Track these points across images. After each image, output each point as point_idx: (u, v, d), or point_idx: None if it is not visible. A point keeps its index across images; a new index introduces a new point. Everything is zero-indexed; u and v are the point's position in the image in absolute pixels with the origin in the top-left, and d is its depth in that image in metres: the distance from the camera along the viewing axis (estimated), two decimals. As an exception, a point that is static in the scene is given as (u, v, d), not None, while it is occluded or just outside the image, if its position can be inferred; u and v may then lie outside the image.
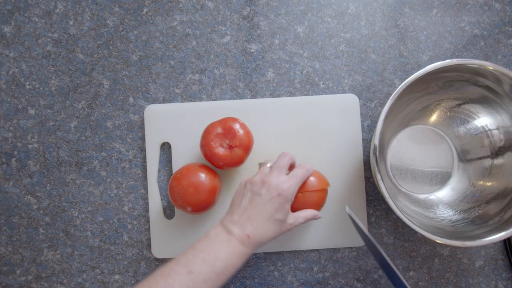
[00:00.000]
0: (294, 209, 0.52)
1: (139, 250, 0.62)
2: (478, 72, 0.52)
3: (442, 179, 0.62)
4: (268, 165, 0.53)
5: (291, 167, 0.54)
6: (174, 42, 0.64)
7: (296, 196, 0.52)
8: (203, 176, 0.56)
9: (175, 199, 0.56)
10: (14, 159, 0.63)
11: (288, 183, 0.49)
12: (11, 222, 0.63)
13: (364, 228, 0.50)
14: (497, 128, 0.57)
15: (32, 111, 0.63)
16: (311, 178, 0.54)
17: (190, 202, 0.56)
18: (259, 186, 0.49)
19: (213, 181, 0.57)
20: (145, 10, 0.64)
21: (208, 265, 0.45)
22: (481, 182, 0.59)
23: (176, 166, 0.61)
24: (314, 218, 0.53)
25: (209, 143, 0.56)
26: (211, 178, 0.57)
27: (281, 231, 0.49)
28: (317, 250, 0.62)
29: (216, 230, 0.48)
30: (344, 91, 0.64)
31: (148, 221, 0.62)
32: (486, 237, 0.49)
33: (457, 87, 0.56)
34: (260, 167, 0.54)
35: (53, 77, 0.64)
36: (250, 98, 0.64)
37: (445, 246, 0.63)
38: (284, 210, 0.49)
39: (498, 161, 0.58)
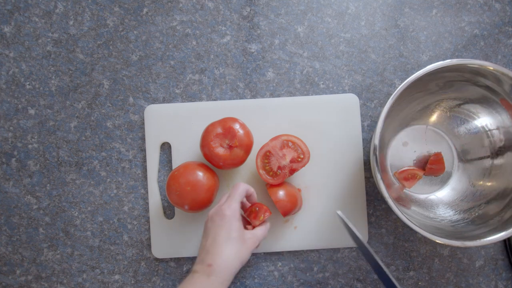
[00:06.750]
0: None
1: (139, 250, 0.62)
2: (478, 72, 0.52)
3: (442, 179, 0.62)
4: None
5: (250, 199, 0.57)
6: (174, 42, 0.64)
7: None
8: (200, 174, 0.56)
9: (172, 197, 0.56)
10: (14, 159, 0.63)
11: (225, 205, 0.51)
12: (11, 222, 0.63)
13: (357, 232, 0.51)
14: (497, 128, 0.57)
15: (32, 111, 0.63)
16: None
17: (187, 200, 0.56)
18: (210, 221, 0.52)
19: (211, 180, 0.57)
20: (145, 10, 0.64)
21: None
22: (481, 182, 0.59)
23: (176, 166, 0.61)
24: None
25: (209, 143, 0.56)
26: (209, 176, 0.57)
27: (244, 249, 0.50)
28: (317, 250, 0.62)
29: (188, 275, 0.50)
30: (344, 91, 0.64)
31: (148, 221, 0.62)
32: (486, 237, 0.49)
33: (457, 87, 0.56)
34: None
35: (53, 77, 0.64)
36: (250, 98, 0.64)
37: (445, 246, 0.63)
38: (233, 227, 0.50)
39: (498, 161, 0.58)
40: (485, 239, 0.49)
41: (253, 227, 0.54)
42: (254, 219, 0.55)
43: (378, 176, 0.50)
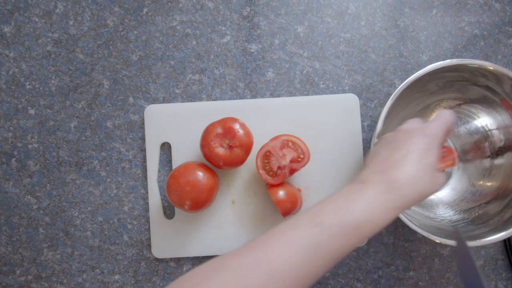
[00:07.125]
0: None
1: (139, 250, 0.62)
2: (478, 72, 0.52)
3: (442, 179, 0.62)
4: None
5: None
6: (174, 42, 0.64)
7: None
8: (200, 174, 0.56)
9: (172, 197, 0.56)
10: (14, 159, 0.63)
11: (430, 125, 0.42)
12: (11, 222, 0.63)
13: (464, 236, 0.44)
14: (497, 128, 0.57)
15: (32, 111, 0.63)
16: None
17: (187, 200, 0.56)
18: (395, 134, 0.43)
19: (211, 180, 0.57)
20: (145, 10, 0.64)
21: (341, 215, 0.36)
22: (481, 182, 0.59)
23: (176, 166, 0.61)
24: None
25: (209, 143, 0.56)
26: (209, 176, 0.57)
27: (433, 185, 0.40)
28: (317, 250, 0.62)
29: (346, 187, 0.39)
30: (344, 91, 0.64)
31: (148, 221, 0.62)
32: (486, 237, 0.49)
33: (457, 87, 0.56)
34: None
35: (53, 77, 0.64)
36: (250, 98, 0.64)
37: (445, 246, 0.63)
38: (433, 153, 0.40)
39: (498, 161, 0.58)
40: (485, 239, 0.49)
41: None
42: (441, 162, 0.46)
43: (378, 176, 0.50)
